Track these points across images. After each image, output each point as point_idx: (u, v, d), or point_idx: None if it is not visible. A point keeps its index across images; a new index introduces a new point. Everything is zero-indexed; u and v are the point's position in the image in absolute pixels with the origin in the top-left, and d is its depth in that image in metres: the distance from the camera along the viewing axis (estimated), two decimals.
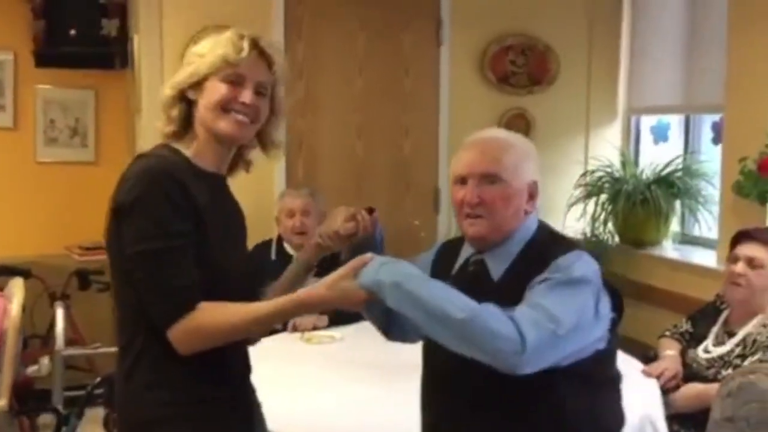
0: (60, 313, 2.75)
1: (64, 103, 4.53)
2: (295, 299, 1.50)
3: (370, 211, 1.75)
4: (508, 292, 1.56)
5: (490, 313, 1.45)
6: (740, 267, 2.52)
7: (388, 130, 4.00)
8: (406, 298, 1.46)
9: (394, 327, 1.77)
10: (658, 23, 4.06)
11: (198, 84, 1.54)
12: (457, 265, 1.72)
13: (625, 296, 3.11)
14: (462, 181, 1.65)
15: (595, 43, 4.22)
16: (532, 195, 1.67)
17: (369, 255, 1.51)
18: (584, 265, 1.56)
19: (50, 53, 4.25)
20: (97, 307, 3.90)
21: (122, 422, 1.57)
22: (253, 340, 1.70)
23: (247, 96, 1.54)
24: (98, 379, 2.25)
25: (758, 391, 1.84)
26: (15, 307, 2.66)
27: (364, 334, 2.93)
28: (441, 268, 1.75)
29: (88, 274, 3.90)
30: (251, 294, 1.62)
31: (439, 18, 3.99)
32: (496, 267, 1.64)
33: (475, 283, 1.63)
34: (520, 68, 4.12)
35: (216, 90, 1.53)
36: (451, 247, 1.79)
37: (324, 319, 3.11)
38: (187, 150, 1.56)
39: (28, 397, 3.16)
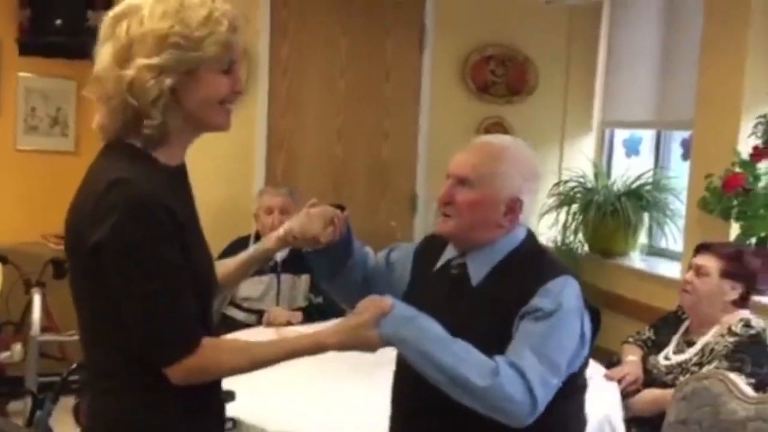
0: (37, 300, 2.78)
1: (45, 91, 4.53)
2: (309, 344, 1.45)
3: (341, 208, 1.71)
4: (484, 298, 1.61)
5: (508, 377, 1.47)
6: (689, 275, 2.64)
7: (368, 133, 4.08)
8: (429, 361, 1.47)
9: (334, 281, 1.78)
10: (634, 41, 4.17)
11: (188, 72, 1.36)
12: (439, 264, 1.74)
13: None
14: (447, 177, 1.68)
15: (573, 58, 4.34)
16: (512, 210, 1.64)
17: (388, 302, 1.48)
18: (572, 293, 1.59)
19: (34, 42, 4.26)
20: (68, 296, 3.94)
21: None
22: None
23: (240, 83, 1.43)
24: (74, 366, 2.28)
25: (711, 396, 1.93)
26: None
27: None
28: (423, 262, 1.78)
29: (64, 263, 3.89)
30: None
31: (423, 25, 4.08)
32: (477, 272, 1.65)
33: (455, 285, 1.66)
34: (500, 78, 4.22)
35: (216, 84, 1.39)
36: (435, 243, 1.78)
37: (298, 315, 3.18)
38: (156, 149, 1.39)
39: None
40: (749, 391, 1.91)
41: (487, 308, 1.57)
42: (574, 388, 1.65)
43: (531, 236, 1.74)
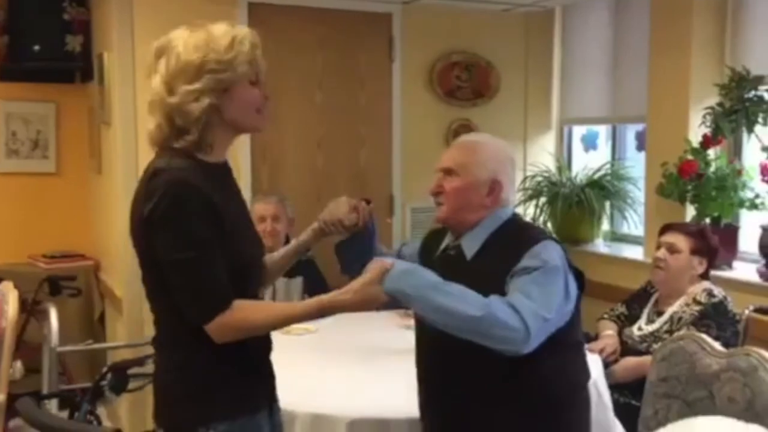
0: (53, 312, 2.92)
1: (25, 115, 4.60)
2: (324, 302, 1.63)
3: (368, 201, 1.96)
4: (478, 270, 1.86)
5: (500, 308, 1.68)
6: (661, 252, 2.91)
7: (346, 141, 4.23)
8: (428, 304, 1.68)
9: (358, 271, 1.93)
10: (586, 44, 4.44)
11: (225, 90, 1.62)
12: (439, 250, 2.01)
13: None
14: (436, 173, 1.98)
15: (531, 61, 4.61)
16: (493, 191, 1.91)
17: (389, 261, 1.68)
18: (554, 253, 1.82)
19: (13, 68, 4.34)
20: (64, 312, 4.04)
21: (165, 395, 1.71)
22: None
23: (266, 92, 1.68)
24: (105, 369, 2.45)
25: (687, 354, 2.18)
26: (11, 307, 2.81)
27: (335, 326, 3.23)
28: (427, 253, 2.04)
29: (59, 280, 4.02)
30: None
31: (391, 37, 4.26)
32: (469, 249, 1.92)
33: (453, 263, 1.92)
34: (465, 83, 4.44)
35: (251, 95, 1.64)
36: (435, 235, 2.07)
37: None
38: (199, 151, 1.64)
39: None
40: (719, 347, 2.18)
41: (482, 278, 1.79)
42: (571, 340, 1.89)
43: (516, 215, 2.01)
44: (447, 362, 1.89)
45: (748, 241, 3.43)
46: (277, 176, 4.10)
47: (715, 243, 2.93)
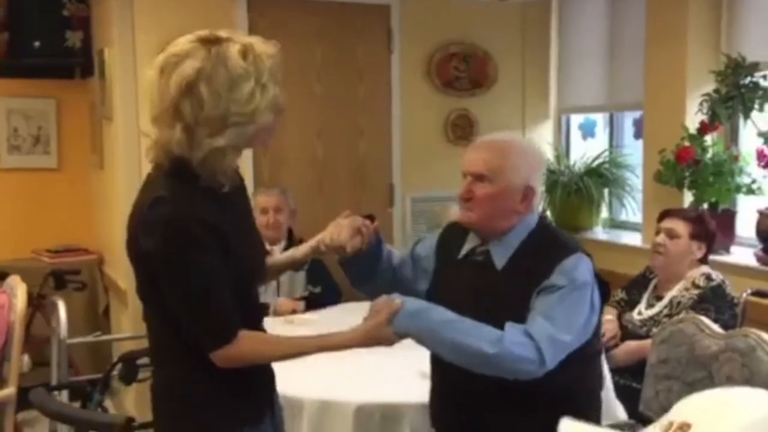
0: (61, 306, 2.96)
1: (26, 112, 4.65)
2: (336, 342, 1.66)
3: (372, 219, 1.85)
4: (509, 279, 1.82)
5: (515, 341, 1.66)
6: (661, 237, 2.94)
7: (346, 131, 4.27)
8: (442, 343, 1.69)
9: (367, 285, 1.99)
10: (583, 32, 4.47)
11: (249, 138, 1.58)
12: (463, 251, 1.93)
13: None
14: (464, 176, 1.88)
15: (528, 51, 4.63)
16: (526, 197, 1.84)
17: (398, 301, 1.66)
18: (584, 269, 1.78)
19: (13, 65, 4.38)
20: (69, 306, 4.08)
21: (165, 411, 1.69)
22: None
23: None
24: (115, 360, 2.49)
25: (686, 336, 2.24)
26: (20, 301, 2.86)
27: (335, 315, 3.30)
28: (446, 250, 1.98)
29: (64, 274, 4.06)
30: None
31: (389, 28, 4.29)
32: (500, 257, 1.85)
33: (481, 270, 1.88)
34: (463, 73, 4.47)
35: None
36: (456, 231, 1.98)
37: (301, 304, 3.43)
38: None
39: None
40: (718, 329, 2.23)
41: (512, 289, 1.79)
42: (590, 353, 1.88)
43: (543, 219, 1.97)
44: (463, 374, 1.79)
45: (745, 225, 3.47)
46: (279, 168, 4.14)
47: (713, 228, 2.97)
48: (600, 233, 4.31)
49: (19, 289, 2.90)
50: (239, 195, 1.73)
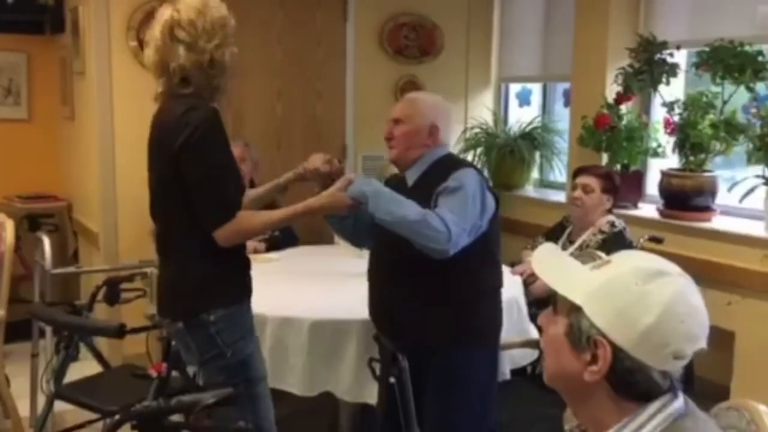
0: (46, 240, 3.28)
1: None
2: (305, 205, 2.11)
3: (339, 161, 2.45)
4: (418, 191, 2.31)
5: (432, 217, 2.15)
6: (578, 192, 3.41)
7: (303, 93, 4.59)
8: (382, 208, 2.16)
9: (356, 238, 2.56)
10: (522, 8, 4.86)
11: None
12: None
13: None
14: (387, 122, 2.44)
15: (473, 23, 5.01)
16: (432, 134, 2.38)
17: (353, 175, 2.18)
18: (473, 178, 2.30)
19: None
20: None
21: (173, 290, 2.13)
22: None
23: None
24: (100, 283, 2.83)
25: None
26: (9, 233, 3.18)
27: (293, 256, 3.68)
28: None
29: (38, 217, 4.36)
30: None
31: None
32: (411, 178, 2.42)
33: (399, 189, 2.35)
34: (412, 42, 4.83)
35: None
36: (394, 179, 2.53)
37: (261, 246, 3.80)
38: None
39: None
40: None
41: (419, 196, 2.26)
42: (486, 250, 2.36)
43: (450, 154, 2.49)
44: (389, 267, 2.37)
45: (652, 184, 3.96)
46: (240, 124, 4.44)
47: (618, 182, 3.45)
48: (531, 191, 4.76)
49: (7, 224, 3.22)
50: None
